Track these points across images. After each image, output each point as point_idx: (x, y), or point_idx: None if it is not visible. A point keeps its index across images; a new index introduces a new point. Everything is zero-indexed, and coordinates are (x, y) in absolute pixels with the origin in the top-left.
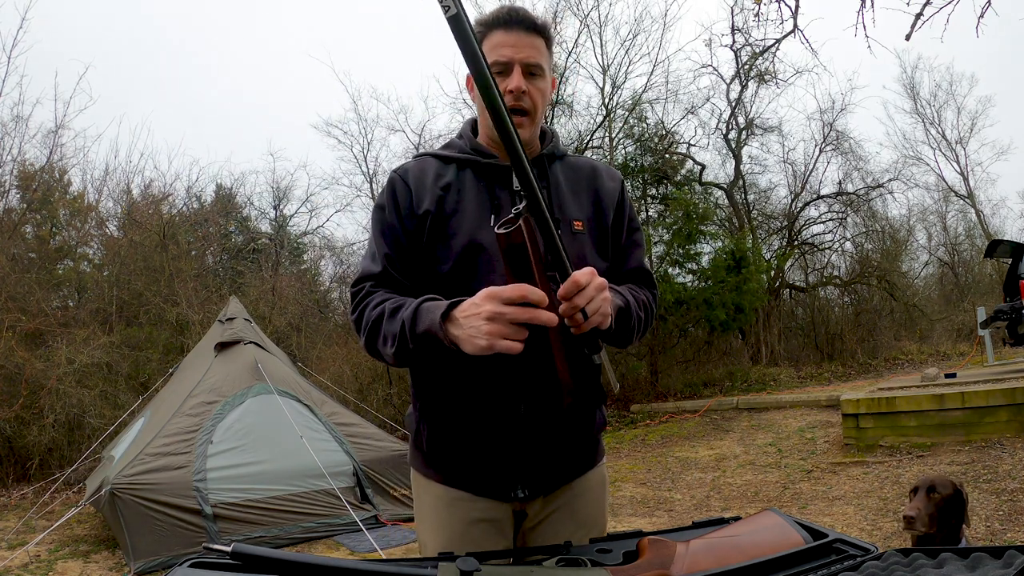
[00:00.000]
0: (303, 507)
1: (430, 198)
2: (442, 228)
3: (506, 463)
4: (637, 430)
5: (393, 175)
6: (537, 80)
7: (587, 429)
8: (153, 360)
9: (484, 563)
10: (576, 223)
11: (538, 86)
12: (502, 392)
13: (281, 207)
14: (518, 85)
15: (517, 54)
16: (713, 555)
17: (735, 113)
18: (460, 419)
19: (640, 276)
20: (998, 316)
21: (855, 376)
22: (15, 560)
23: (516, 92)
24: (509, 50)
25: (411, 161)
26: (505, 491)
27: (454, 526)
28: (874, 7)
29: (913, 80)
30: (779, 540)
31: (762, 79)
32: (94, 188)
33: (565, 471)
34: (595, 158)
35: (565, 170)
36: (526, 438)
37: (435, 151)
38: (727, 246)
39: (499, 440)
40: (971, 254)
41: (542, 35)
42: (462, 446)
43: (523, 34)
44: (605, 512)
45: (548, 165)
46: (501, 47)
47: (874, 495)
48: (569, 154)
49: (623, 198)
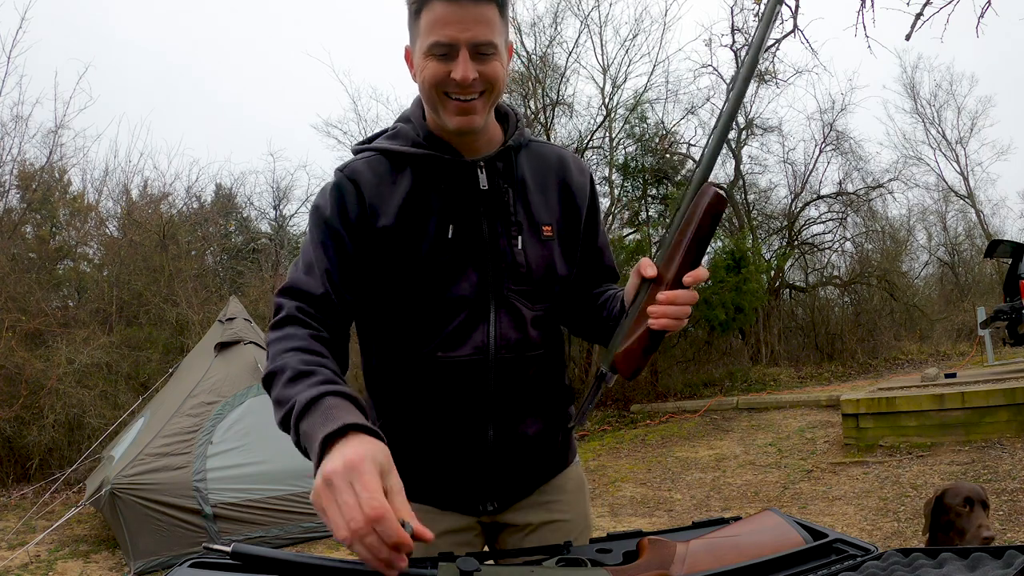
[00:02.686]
0: (303, 507)
1: (389, 213)
2: (402, 250)
3: (473, 484)
4: (637, 430)
5: (341, 177)
6: (490, 59)
7: (563, 432)
8: (153, 360)
9: (484, 563)
10: (545, 228)
11: (491, 66)
12: (469, 416)
13: (281, 207)
14: (464, 75)
15: (462, 33)
16: (713, 555)
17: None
18: (424, 442)
19: (612, 275)
20: (998, 316)
21: (855, 376)
22: (15, 560)
23: (463, 82)
24: (453, 29)
25: (359, 160)
26: (473, 506)
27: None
28: (874, 7)
29: (913, 80)
30: (779, 540)
31: (762, 79)
32: (94, 188)
33: (534, 477)
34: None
35: (531, 161)
36: (495, 460)
37: (385, 146)
38: (727, 246)
39: (465, 464)
40: (971, 254)
41: (493, 1)
42: (425, 468)
43: (469, 5)
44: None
45: (513, 160)
46: (442, 25)
47: (874, 495)
48: (533, 138)
49: (593, 193)
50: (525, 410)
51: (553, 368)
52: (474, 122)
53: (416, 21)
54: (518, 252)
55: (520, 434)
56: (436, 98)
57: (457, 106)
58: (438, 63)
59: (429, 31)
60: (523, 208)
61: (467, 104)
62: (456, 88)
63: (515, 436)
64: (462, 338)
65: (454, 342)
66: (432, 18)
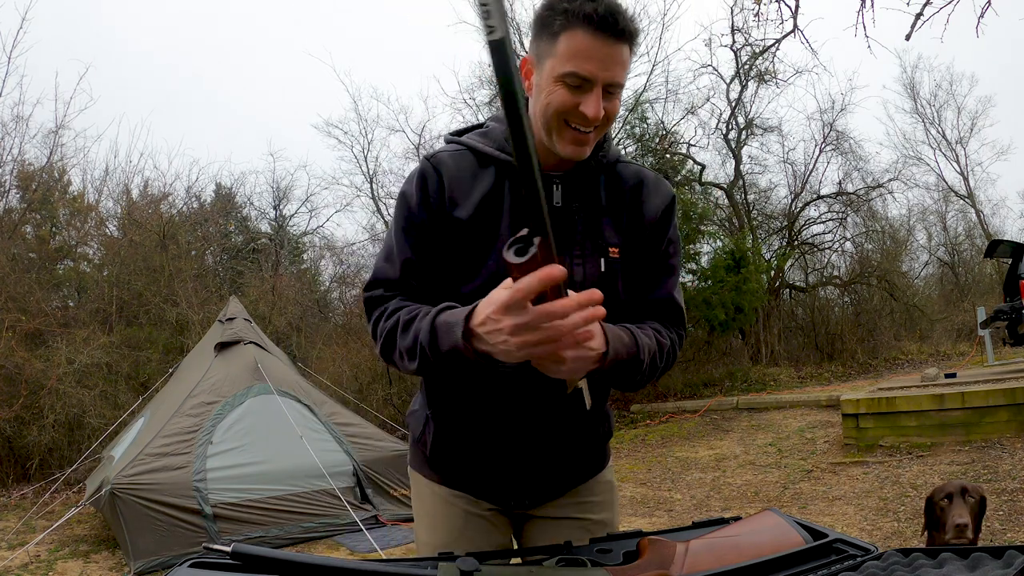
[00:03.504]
0: (303, 507)
1: (468, 206)
2: (475, 244)
3: (511, 477)
4: (637, 430)
5: (425, 164)
6: (615, 98)
7: (596, 438)
8: (153, 360)
9: (484, 563)
10: (612, 250)
11: (614, 104)
12: (511, 417)
13: (281, 207)
14: (596, 113)
15: (602, 71)
16: (713, 555)
17: (735, 113)
18: (470, 427)
19: (669, 308)
20: (998, 316)
21: (855, 376)
22: (15, 560)
23: (593, 120)
24: (593, 65)
25: (445, 151)
26: (506, 500)
27: (452, 521)
28: (874, 7)
29: (913, 80)
30: (779, 540)
31: (762, 79)
32: (94, 188)
33: (570, 481)
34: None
35: (609, 181)
36: (534, 454)
37: (474, 143)
38: (727, 246)
39: (507, 454)
40: (971, 254)
41: (631, 40)
42: (468, 454)
43: (612, 43)
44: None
45: (591, 177)
46: (584, 58)
47: (874, 495)
48: (621, 158)
49: (670, 218)
50: (566, 417)
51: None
52: (584, 153)
53: (552, 41)
54: (576, 271)
55: (559, 439)
56: (556, 124)
57: (575, 136)
58: (569, 92)
59: (568, 59)
60: (593, 228)
61: (584, 136)
62: (580, 120)
63: (554, 441)
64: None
65: None
66: (574, 47)
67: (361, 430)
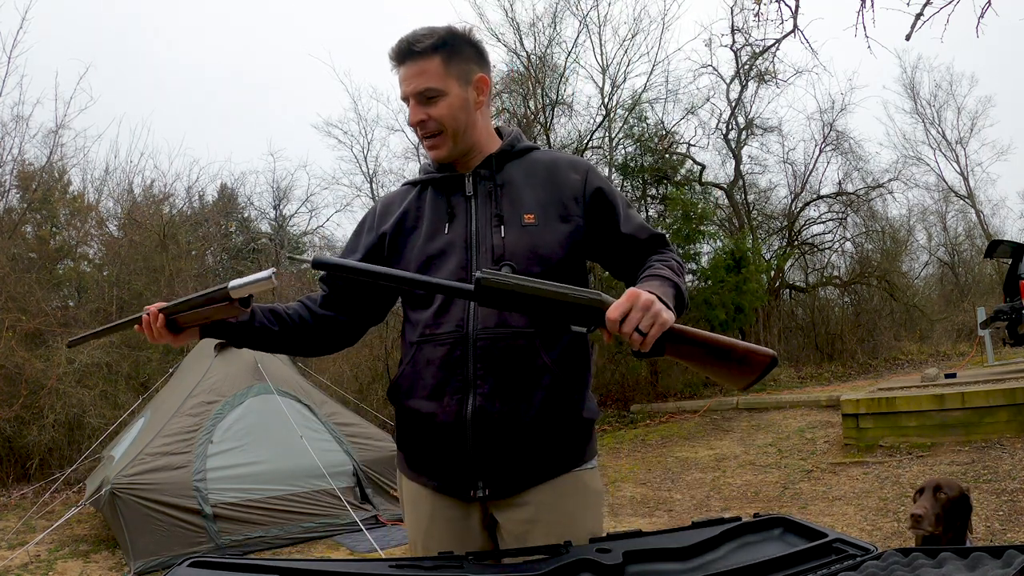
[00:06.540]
0: (303, 507)
1: (391, 221)
2: (398, 246)
3: (457, 461)
4: (637, 430)
5: (376, 202)
6: (436, 101)
7: (565, 421)
8: (153, 360)
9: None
10: (527, 216)
11: (437, 107)
12: (451, 391)
13: (281, 207)
14: (410, 119)
15: (409, 87)
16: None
17: (735, 113)
18: (420, 414)
19: (655, 242)
20: (998, 316)
21: (855, 376)
22: (15, 560)
23: (412, 125)
24: (403, 86)
25: (395, 189)
26: (464, 489)
27: (421, 522)
28: (874, 7)
29: (913, 80)
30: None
31: (762, 79)
32: (94, 188)
33: (531, 471)
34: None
35: (524, 166)
36: (474, 437)
37: (412, 178)
38: (727, 246)
39: (448, 438)
40: (971, 254)
41: (436, 52)
42: (421, 440)
43: (413, 64)
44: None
45: (499, 164)
46: (400, 83)
47: (874, 495)
48: (541, 151)
49: (591, 185)
50: (511, 392)
51: (551, 354)
52: (439, 154)
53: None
54: (497, 239)
55: (502, 414)
56: (418, 137)
57: (425, 143)
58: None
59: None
60: (509, 203)
61: (431, 140)
62: (418, 129)
63: (497, 416)
64: (444, 316)
65: (438, 320)
66: (398, 79)
67: (361, 430)
